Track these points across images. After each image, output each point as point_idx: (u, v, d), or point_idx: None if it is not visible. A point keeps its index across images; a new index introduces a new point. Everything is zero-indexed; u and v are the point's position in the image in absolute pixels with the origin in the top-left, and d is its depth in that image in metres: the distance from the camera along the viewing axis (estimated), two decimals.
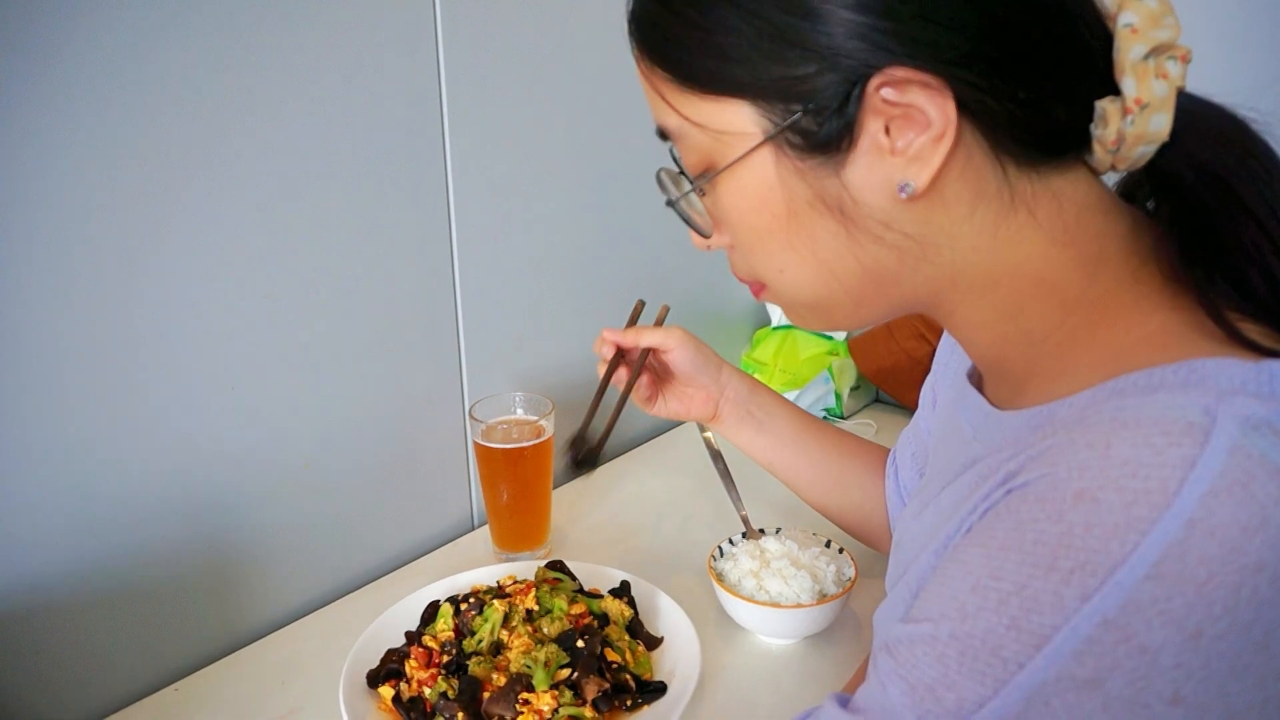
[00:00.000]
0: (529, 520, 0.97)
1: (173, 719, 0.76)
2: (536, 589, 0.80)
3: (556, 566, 0.87)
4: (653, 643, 0.81)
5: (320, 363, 0.88)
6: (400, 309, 0.94)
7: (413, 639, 0.79)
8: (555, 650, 0.73)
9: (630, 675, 0.74)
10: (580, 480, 1.16)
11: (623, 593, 0.85)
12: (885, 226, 0.47)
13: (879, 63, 0.42)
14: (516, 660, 0.73)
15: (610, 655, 0.74)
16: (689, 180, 0.52)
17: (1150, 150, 0.45)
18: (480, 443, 0.93)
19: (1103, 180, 0.48)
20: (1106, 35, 0.44)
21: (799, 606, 0.79)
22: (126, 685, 0.78)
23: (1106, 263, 0.47)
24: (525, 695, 0.70)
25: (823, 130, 0.45)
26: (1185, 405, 0.36)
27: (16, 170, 0.65)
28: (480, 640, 0.76)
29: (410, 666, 0.74)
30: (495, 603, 0.78)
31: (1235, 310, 0.42)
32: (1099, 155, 0.46)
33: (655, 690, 0.74)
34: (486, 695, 0.70)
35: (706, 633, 0.82)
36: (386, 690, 0.73)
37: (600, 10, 1.04)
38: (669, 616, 0.83)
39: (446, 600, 0.82)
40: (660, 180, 0.55)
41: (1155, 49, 0.43)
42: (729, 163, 0.48)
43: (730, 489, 0.94)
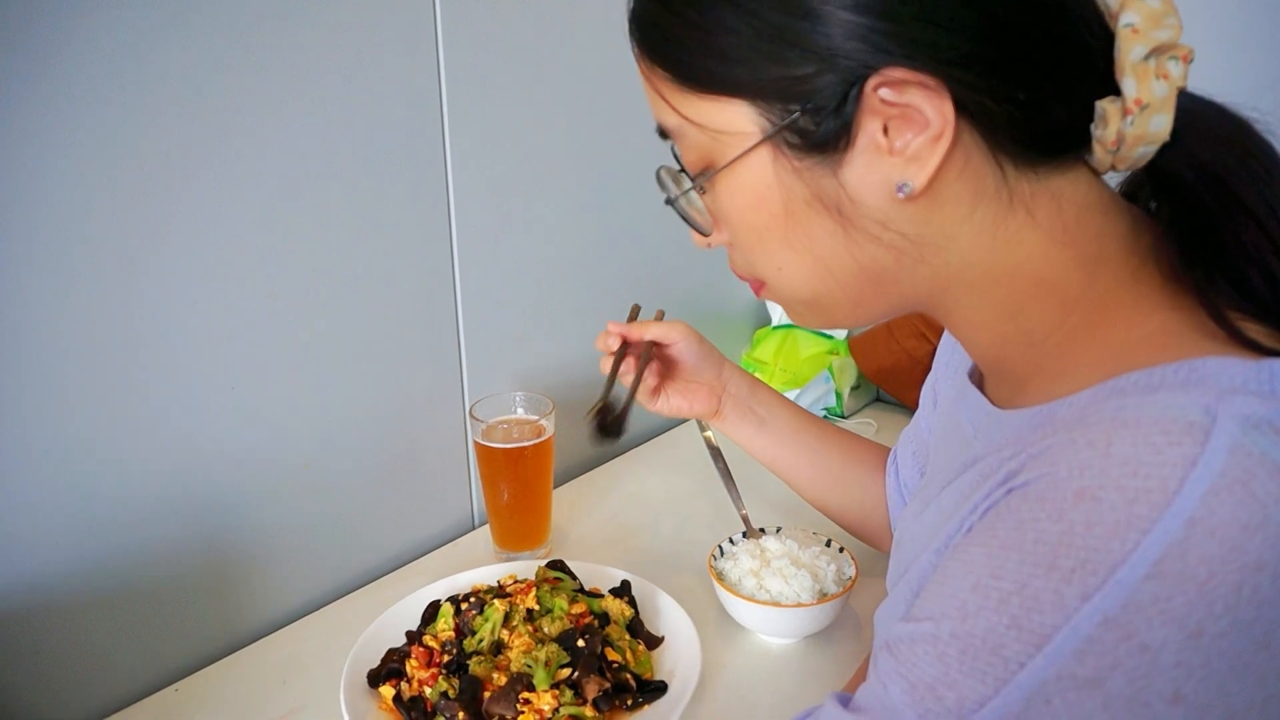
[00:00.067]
0: (529, 520, 0.97)
1: (173, 719, 0.76)
2: (537, 588, 0.80)
3: (557, 566, 0.87)
4: (653, 642, 0.81)
5: (320, 363, 0.88)
6: (400, 309, 0.94)
7: (413, 638, 0.79)
8: (556, 650, 0.73)
9: (631, 674, 0.74)
10: (580, 480, 1.16)
11: (623, 592, 0.85)
12: (883, 226, 0.47)
13: (877, 63, 0.42)
14: (517, 660, 0.73)
15: (611, 654, 0.74)
16: (689, 178, 0.52)
17: (1151, 151, 0.45)
18: (481, 442, 0.94)
19: (1104, 180, 0.48)
20: (1108, 35, 0.44)
21: (799, 606, 0.79)
22: (127, 685, 0.78)
23: (1106, 262, 0.47)
24: (526, 694, 0.70)
25: (820, 130, 0.45)
26: (1186, 404, 0.36)
27: (16, 170, 0.65)
28: (481, 640, 0.76)
29: (411, 666, 0.74)
30: (496, 602, 0.78)
31: (1236, 310, 0.42)
32: (1099, 155, 0.46)
33: (656, 689, 0.74)
34: (487, 695, 0.70)
35: (707, 632, 0.82)
36: (387, 690, 0.73)
37: (600, 10, 1.04)
38: (669, 616, 0.83)
39: (447, 600, 0.82)
40: (660, 178, 0.55)
41: (1156, 49, 0.43)
42: (727, 162, 0.48)
43: (730, 488, 0.95)
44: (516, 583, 0.83)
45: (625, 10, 0.50)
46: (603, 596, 0.83)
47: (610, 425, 0.77)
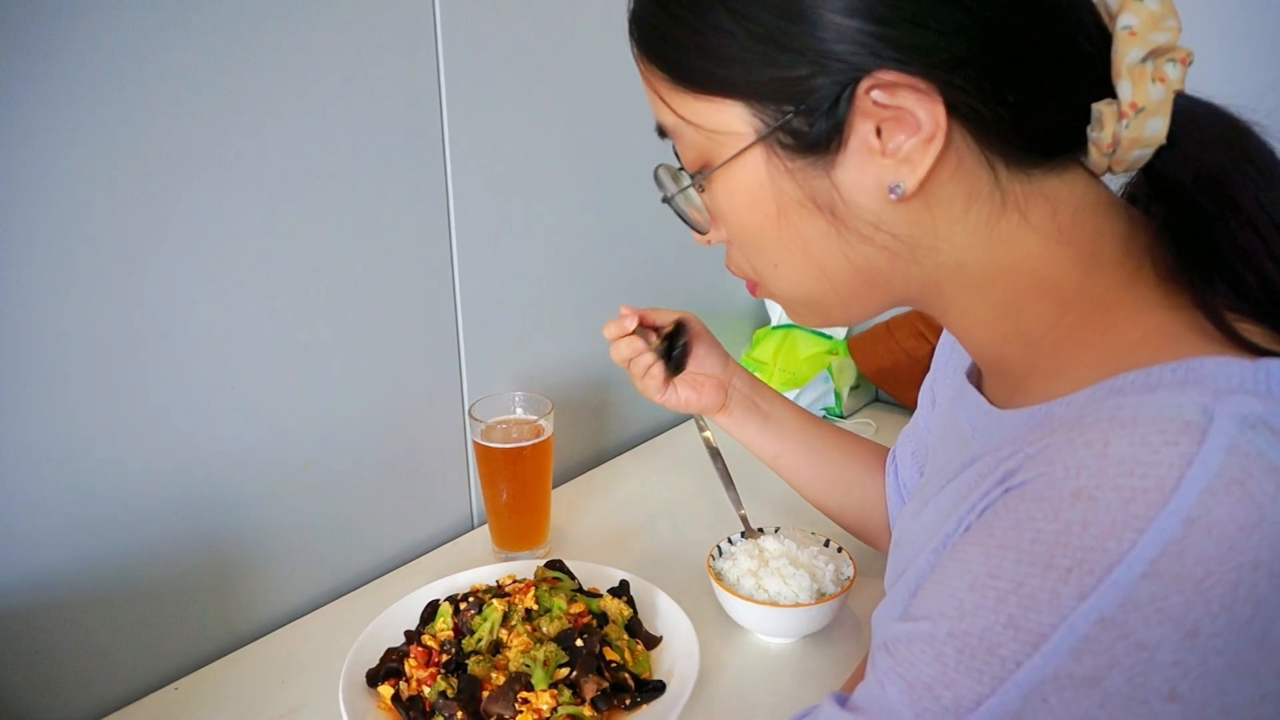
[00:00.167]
0: (528, 520, 0.97)
1: (173, 718, 0.76)
2: (536, 588, 0.80)
3: (556, 566, 0.87)
4: (651, 642, 0.81)
5: (320, 363, 0.88)
6: (400, 309, 0.94)
7: (412, 638, 0.79)
8: (554, 649, 0.73)
9: (629, 674, 0.74)
10: (579, 480, 1.16)
11: (622, 592, 0.85)
12: (875, 227, 0.47)
13: (869, 66, 0.43)
14: (515, 659, 0.73)
15: (609, 654, 0.74)
16: (687, 177, 0.53)
17: (1147, 154, 0.45)
18: (480, 442, 0.94)
19: (1101, 181, 0.48)
20: (1105, 37, 0.44)
21: (797, 605, 0.79)
22: (127, 684, 0.78)
23: (1104, 262, 0.47)
24: (524, 694, 0.70)
25: (813, 131, 0.45)
26: (1183, 404, 0.36)
27: (16, 170, 0.65)
28: (479, 639, 0.76)
29: (410, 665, 0.74)
30: (494, 602, 0.78)
31: (1233, 311, 0.42)
32: (1094, 158, 0.46)
33: (654, 689, 0.74)
34: (485, 694, 0.70)
35: (705, 632, 0.82)
36: (386, 689, 0.73)
37: (600, 10, 1.04)
38: (668, 615, 0.83)
39: (446, 599, 0.82)
40: (658, 177, 0.56)
41: (1154, 52, 0.43)
42: (722, 161, 0.49)
43: (729, 488, 0.95)
44: (515, 582, 0.83)
45: (625, 11, 0.51)
46: (601, 596, 0.83)
47: (680, 354, 0.79)
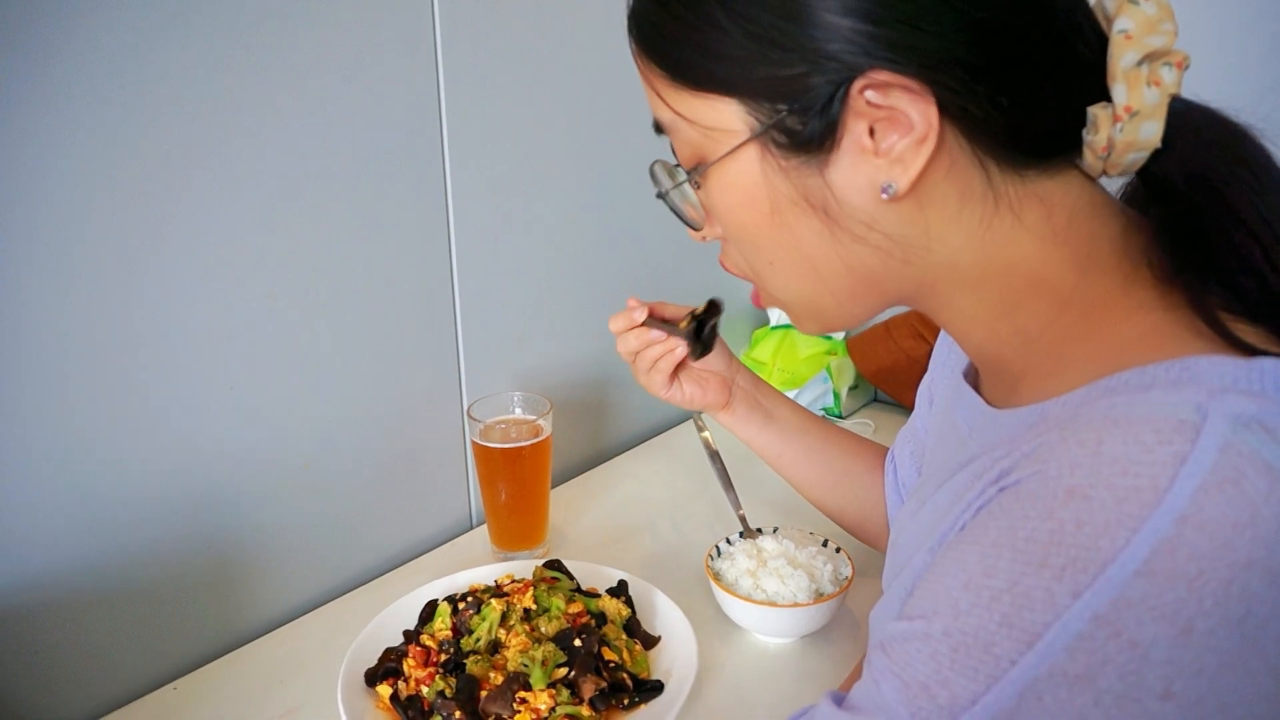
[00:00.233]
0: (527, 520, 0.97)
1: (172, 717, 0.76)
2: (534, 588, 0.80)
3: (554, 565, 0.87)
4: (650, 641, 0.81)
5: (320, 362, 0.88)
6: (399, 309, 0.94)
7: (411, 638, 0.79)
8: (552, 649, 0.73)
9: (627, 674, 0.74)
10: (578, 480, 1.17)
11: (620, 592, 0.85)
12: (868, 227, 0.48)
13: (863, 66, 0.43)
14: (514, 659, 0.73)
15: (607, 654, 0.74)
16: (683, 173, 0.53)
17: (1142, 157, 0.45)
18: (478, 442, 0.94)
19: (1098, 183, 0.49)
20: (1103, 40, 0.44)
21: (795, 605, 0.79)
22: (126, 683, 0.79)
23: (1100, 263, 0.47)
24: (522, 694, 0.70)
25: (806, 130, 0.45)
26: (1177, 403, 0.36)
27: (16, 170, 0.65)
28: (478, 639, 0.76)
29: (408, 665, 0.75)
30: (493, 602, 0.78)
31: (1228, 312, 0.42)
32: (1089, 160, 0.46)
33: (652, 689, 0.74)
34: (484, 694, 0.70)
35: (703, 631, 0.82)
36: (384, 689, 0.73)
37: (599, 10, 1.04)
38: (666, 615, 0.83)
39: (444, 599, 0.82)
40: (653, 173, 0.57)
41: (1149, 55, 0.43)
42: (717, 158, 0.49)
43: (728, 488, 0.95)
44: (514, 582, 0.83)
45: (624, 11, 0.51)
46: (600, 596, 0.83)
47: (708, 334, 0.79)
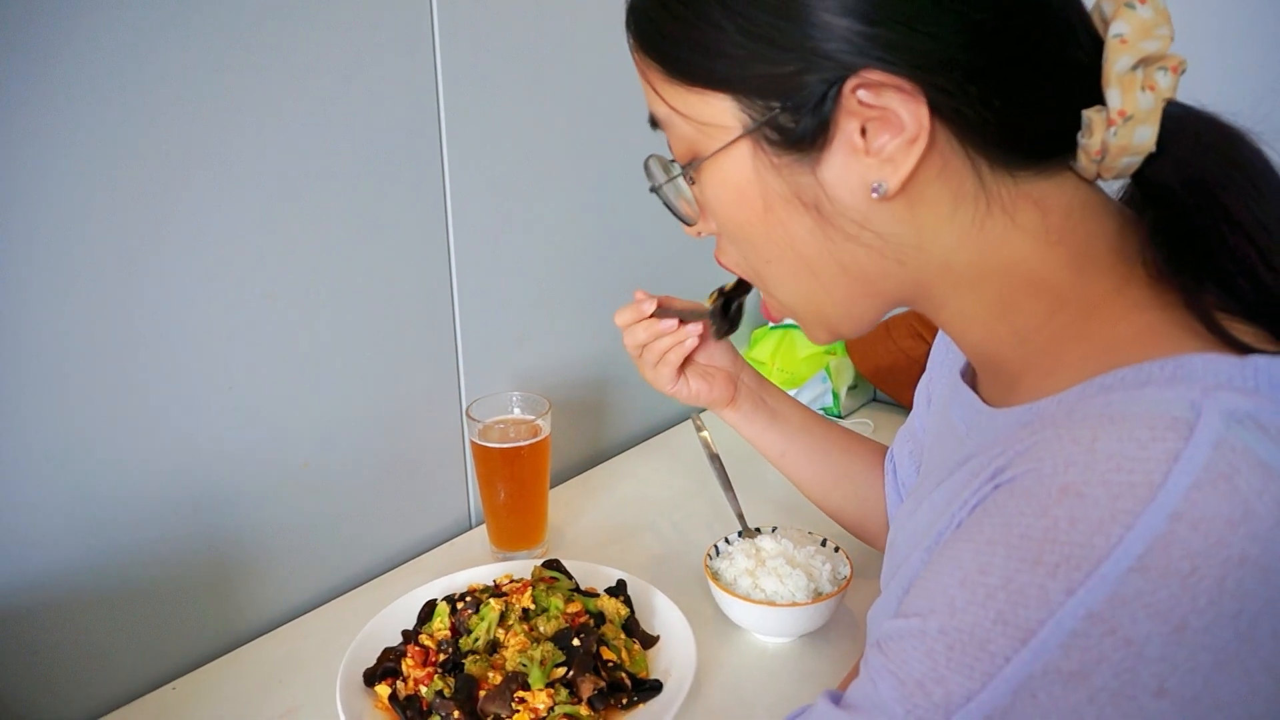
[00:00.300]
0: (526, 519, 0.97)
1: (171, 717, 0.76)
2: (533, 588, 0.80)
3: (553, 565, 0.87)
4: (648, 641, 0.81)
5: (319, 362, 0.88)
6: (398, 309, 0.94)
7: (409, 638, 0.79)
8: (551, 649, 0.73)
9: (626, 673, 0.74)
10: (576, 480, 1.17)
11: (619, 591, 0.85)
12: (860, 226, 0.48)
13: (855, 66, 0.43)
14: (512, 659, 0.73)
15: (606, 654, 0.75)
16: (677, 167, 0.54)
17: (1136, 161, 0.45)
18: (477, 442, 0.94)
19: (1093, 184, 0.49)
20: (1098, 44, 0.45)
21: (794, 605, 0.79)
22: (126, 683, 0.79)
23: (1096, 263, 0.47)
24: (521, 693, 0.70)
25: (799, 127, 0.46)
26: (1171, 400, 0.36)
27: (16, 170, 0.65)
28: (476, 639, 0.76)
29: (407, 665, 0.75)
30: (492, 601, 0.78)
31: (1223, 311, 0.42)
32: (1084, 163, 0.46)
33: (651, 688, 0.74)
34: (482, 693, 0.71)
35: (702, 631, 0.82)
36: (383, 689, 0.73)
37: (598, 10, 1.05)
38: (665, 615, 0.83)
39: (443, 599, 0.82)
40: (648, 167, 0.57)
41: (1144, 60, 0.43)
42: (710, 153, 0.50)
43: (726, 488, 0.95)
44: (512, 582, 0.83)
45: (622, 10, 0.52)
46: (598, 596, 0.83)
47: (735, 313, 0.79)
